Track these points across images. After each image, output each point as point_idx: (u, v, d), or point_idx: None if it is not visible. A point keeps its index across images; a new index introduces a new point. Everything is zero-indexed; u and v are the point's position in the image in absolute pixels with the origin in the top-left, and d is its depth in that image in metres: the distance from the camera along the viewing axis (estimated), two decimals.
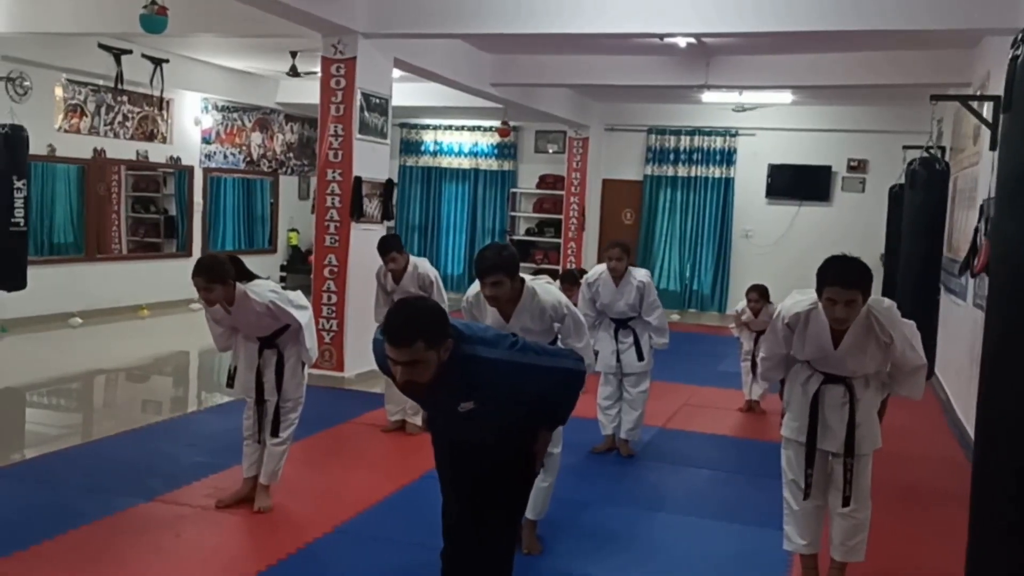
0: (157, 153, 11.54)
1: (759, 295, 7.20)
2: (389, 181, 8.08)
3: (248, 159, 13.19)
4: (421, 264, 6.02)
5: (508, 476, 3.08)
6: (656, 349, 5.92)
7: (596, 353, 5.51)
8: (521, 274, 3.96)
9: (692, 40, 8.38)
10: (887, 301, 3.67)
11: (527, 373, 2.86)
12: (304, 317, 4.49)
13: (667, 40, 8.35)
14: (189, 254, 12.21)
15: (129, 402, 7.53)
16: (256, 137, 13.30)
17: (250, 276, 4.38)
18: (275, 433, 4.56)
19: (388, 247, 5.90)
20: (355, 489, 4.97)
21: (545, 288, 4.06)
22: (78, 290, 10.34)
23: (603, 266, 5.86)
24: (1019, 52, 2.46)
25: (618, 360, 5.85)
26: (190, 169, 12.11)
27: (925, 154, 7.23)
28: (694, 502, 5.15)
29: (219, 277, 4.18)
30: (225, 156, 12.74)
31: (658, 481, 5.51)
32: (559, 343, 4.06)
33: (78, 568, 3.83)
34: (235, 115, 12.84)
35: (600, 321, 5.86)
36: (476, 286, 4.01)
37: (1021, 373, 2.40)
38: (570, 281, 6.64)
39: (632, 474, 5.60)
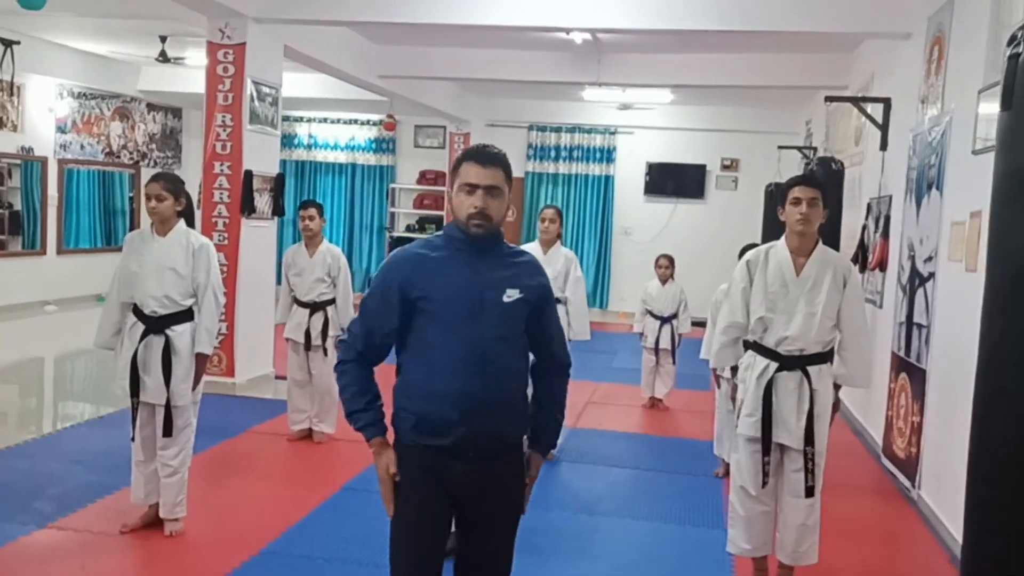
0: (6, 142, 10.57)
1: (668, 262, 7.28)
2: (280, 175, 7.67)
3: (107, 150, 12.31)
4: (335, 249, 5.95)
5: (504, 504, 2.58)
6: (575, 341, 5.80)
7: None
8: None
9: (588, 36, 8.36)
10: None
11: (548, 296, 2.66)
12: (218, 296, 4.21)
13: (559, 36, 8.29)
14: (43, 252, 11.29)
15: None
16: (116, 127, 12.43)
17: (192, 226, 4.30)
18: (167, 433, 4.08)
19: (309, 204, 5.92)
20: (274, 505, 4.63)
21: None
22: None
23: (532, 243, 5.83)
24: (1019, 50, 2.45)
25: None
26: (43, 160, 11.17)
27: (810, 154, 7.52)
28: (625, 503, 5.07)
29: (174, 190, 4.09)
30: (82, 146, 11.83)
31: (585, 483, 5.42)
32: None
33: None
34: (93, 103, 11.94)
35: None
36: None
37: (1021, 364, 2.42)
38: None
39: (558, 477, 5.48)
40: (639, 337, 7.43)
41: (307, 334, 5.78)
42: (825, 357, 3.69)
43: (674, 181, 13.25)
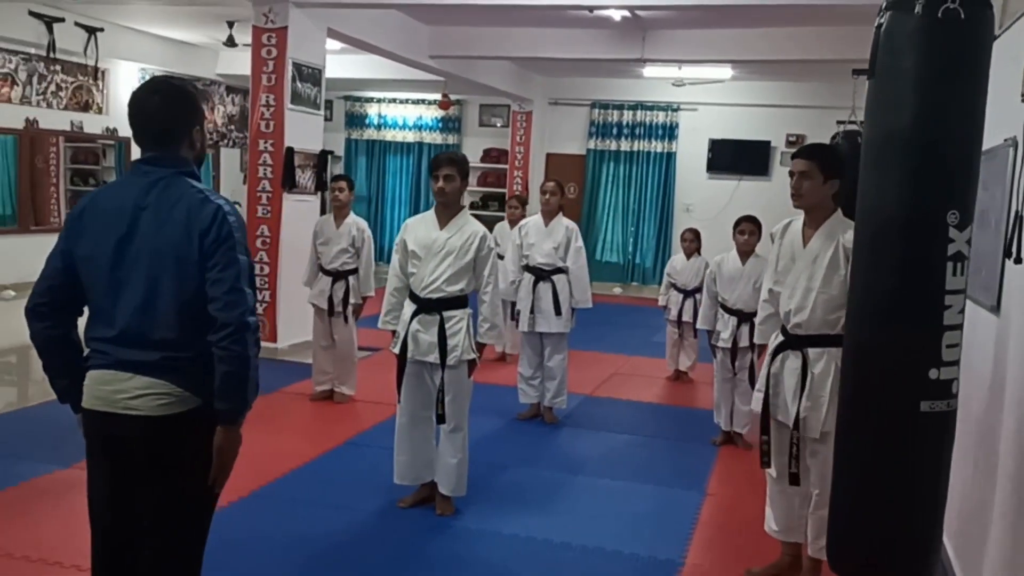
0: (92, 124, 11.35)
1: (694, 236, 7.35)
2: (323, 152, 8.07)
3: None
4: (361, 222, 6.28)
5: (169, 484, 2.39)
6: (577, 309, 6.02)
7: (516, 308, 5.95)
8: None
9: (626, 13, 8.44)
10: None
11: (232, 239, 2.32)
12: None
13: (599, 13, 8.40)
14: None
15: None
16: None
17: None
18: None
19: (341, 177, 6.37)
20: (276, 455, 4.99)
21: (478, 222, 4.38)
22: (10, 262, 10.17)
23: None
24: (882, 20, 2.56)
25: (532, 312, 5.90)
26: (127, 140, 11.93)
27: (850, 128, 7.41)
28: (610, 465, 5.26)
29: None
30: None
31: (577, 446, 5.62)
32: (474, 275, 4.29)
33: None
34: None
35: (520, 280, 6.00)
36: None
37: (879, 321, 2.55)
38: (519, 201, 8.27)
39: (552, 439, 5.71)
40: (663, 311, 7.54)
41: (330, 301, 6.16)
42: (833, 340, 3.36)
43: (738, 158, 13.14)
